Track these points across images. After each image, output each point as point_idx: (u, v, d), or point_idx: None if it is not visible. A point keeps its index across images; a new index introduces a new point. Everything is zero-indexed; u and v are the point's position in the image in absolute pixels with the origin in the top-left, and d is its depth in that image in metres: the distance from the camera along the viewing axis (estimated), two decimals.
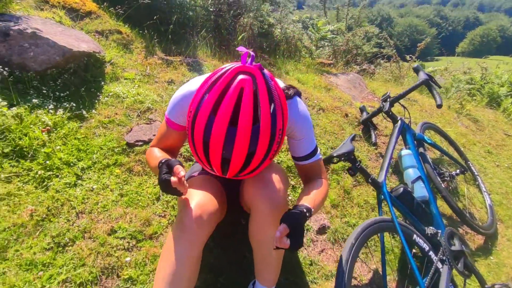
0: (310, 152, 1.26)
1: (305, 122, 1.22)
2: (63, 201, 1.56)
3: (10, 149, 1.65)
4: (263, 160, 0.99)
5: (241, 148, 0.91)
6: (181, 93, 1.19)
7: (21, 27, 1.93)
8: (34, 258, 1.33)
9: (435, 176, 2.17)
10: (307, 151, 1.26)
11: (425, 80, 2.26)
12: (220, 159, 0.94)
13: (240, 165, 0.96)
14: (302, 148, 1.26)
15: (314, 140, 1.28)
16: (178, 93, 1.20)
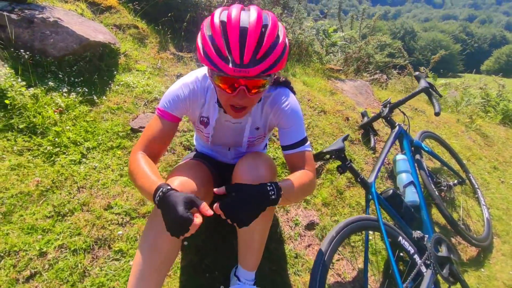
0: (298, 141, 1.27)
1: (294, 113, 1.27)
2: (67, 175, 1.68)
3: (24, 125, 1.79)
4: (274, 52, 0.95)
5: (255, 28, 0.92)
6: (179, 84, 1.24)
7: (45, 15, 2.09)
8: (36, 224, 1.45)
9: (429, 183, 2.18)
10: (295, 139, 1.27)
11: (425, 88, 2.29)
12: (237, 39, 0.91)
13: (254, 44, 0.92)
14: (290, 137, 1.27)
15: (303, 131, 1.30)
16: (175, 85, 1.25)
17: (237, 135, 1.41)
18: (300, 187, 1.18)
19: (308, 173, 1.24)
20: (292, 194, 1.14)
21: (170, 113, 1.22)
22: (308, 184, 1.22)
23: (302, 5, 4.25)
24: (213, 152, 1.61)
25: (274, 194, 1.03)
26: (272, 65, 0.96)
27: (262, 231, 1.32)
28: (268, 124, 1.36)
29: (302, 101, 2.74)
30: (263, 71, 0.95)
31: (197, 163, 1.42)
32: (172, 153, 2.04)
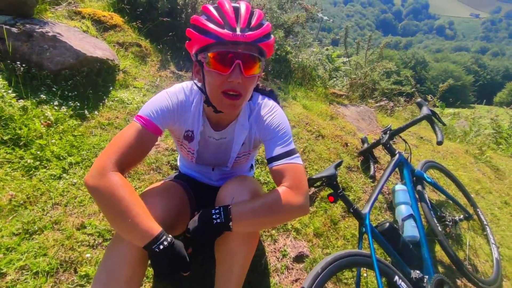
0: (283, 152, 1.14)
1: (278, 122, 1.18)
2: (44, 190, 1.61)
3: (9, 137, 1.75)
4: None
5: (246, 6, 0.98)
6: (164, 94, 1.16)
7: (44, 30, 2.12)
8: (0, 241, 1.36)
9: (432, 217, 2.03)
10: (280, 150, 1.14)
11: (427, 115, 2.19)
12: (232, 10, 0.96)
13: (248, 14, 0.97)
14: (275, 147, 1.15)
15: (290, 143, 1.18)
16: (160, 94, 1.16)
17: (221, 152, 1.34)
18: (264, 210, 1.05)
19: (283, 191, 1.07)
20: (251, 218, 1.05)
21: (154, 123, 1.08)
22: (282, 204, 1.04)
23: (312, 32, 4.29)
24: (197, 173, 1.53)
25: (220, 218, 1.00)
26: (266, 36, 0.99)
27: (243, 262, 1.19)
28: (253, 138, 1.27)
29: (299, 125, 2.66)
30: (260, 37, 0.96)
31: (172, 186, 1.34)
32: (158, 172, 1.96)
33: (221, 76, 0.98)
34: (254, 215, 1.05)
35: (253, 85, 1.05)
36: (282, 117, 1.21)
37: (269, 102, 1.23)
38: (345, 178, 2.33)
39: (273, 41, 1.04)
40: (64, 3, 2.86)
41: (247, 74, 0.98)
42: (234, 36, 0.92)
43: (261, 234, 1.82)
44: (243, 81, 0.98)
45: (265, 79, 3.46)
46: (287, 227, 1.92)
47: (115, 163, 0.99)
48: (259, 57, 0.99)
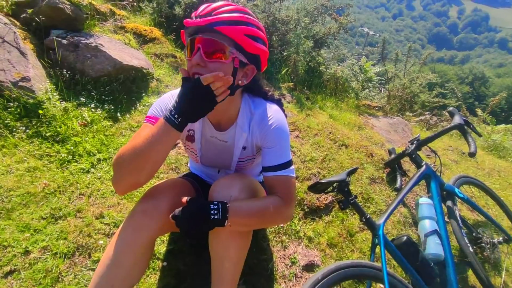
0: (279, 164, 1.16)
1: (279, 131, 1.18)
2: (72, 182, 1.78)
3: (50, 133, 1.98)
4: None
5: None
6: (168, 94, 1.24)
7: (88, 41, 2.38)
8: (30, 223, 1.52)
9: (462, 236, 1.84)
10: (277, 162, 1.17)
11: (459, 125, 2.02)
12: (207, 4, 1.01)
13: (218, 5, 1.00)
14: (271, 157, 1.17)
15: (287, 154, 1.19)
16: (165, 95, 1.25)
17: (224, 155, 1.37)
18: (258, 213, 1.10)
19: (275, 200, 1.13)
20: (246, 218, 1.07)
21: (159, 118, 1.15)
22: (272, 212, 1.10)
23: (358, 46, 4.23)
24: (204, 175, 1.58)
25: (218, 215, 1.00)
26: (226, 21, 0.98)
27: (235, 259, 1.19)
28: (254, 143, 1.28)
29: (322, 133, 2.62)
30: (216, 21, 0.97)
31: (181, 182, 1.39)
32: (176, 172, 2.05)
33: (189, 61, 1.03)
34: (249, 217, 1.08)
35: (218, 67, 1.02)
36: (282, 126, 1.20)
37: (272, 108, 1.23)
38: (366, 189, 2.22)
39: (245, 30, 1.01)
40: (111, 19, 3.19)
41: (207, 58, 0.99)
42: (192, 21, 0.99)
43: (271, 239, 1.80)
44: (206, 65, 1.00)
45: (294, 89, 3.48)
46: (300, 235, 1.87)
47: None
48: (222, 43, 0.99)
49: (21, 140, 1.88)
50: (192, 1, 3.34)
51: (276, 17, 3.39)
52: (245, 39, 1.02)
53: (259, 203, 1.12)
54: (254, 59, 1.08)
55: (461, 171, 2.97)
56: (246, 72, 1.11)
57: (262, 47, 1.07)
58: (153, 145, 0.99)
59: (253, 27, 1.04)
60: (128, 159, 1.02)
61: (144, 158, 1.01)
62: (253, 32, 1.03)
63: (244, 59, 1.05)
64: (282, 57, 3.62)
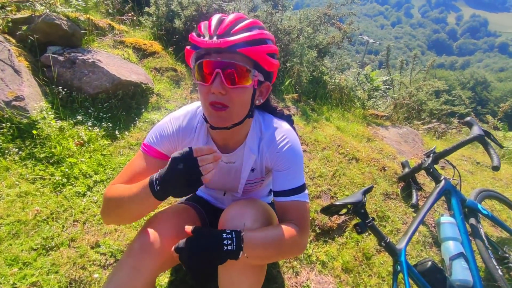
0: (292, 188, 1.07)
1: (291, 153, 1.09)
2: (66, 207, 1.66)
3: (44, 155, 1.87)
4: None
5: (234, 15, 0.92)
6: (168, 118, 1.16)
7: (85, 57, 2.30)
8: (19, 255, 1.40)
9: (489, 257, 1.69)
10: (289, 186, 1.07)
11: (479, 136, 1.89)
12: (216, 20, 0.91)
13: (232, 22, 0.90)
14: (284, 181, 1.08)
15: (301, 177, 1.10)
16: (164, 119, 1.17)
17: (231, 177, 1.26)
18: (275, 243, 0.98)
19: (291, 229, 1.02)
20: (261, 249, 0.95)
21: (155, 148, 1.09)
22: (289, 242, 0.99)
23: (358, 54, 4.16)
24: (210, 197, 1.47)
25: (232, 245, 0.88)
26: (251, 42, 0.88)
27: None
28: (264, 165, 1.17)
29: (330, 147, 2.49)
30: (238, 43, 0.86)
31: (184, 208, 1.29)
32: None
33: (205, 87, 0.91)
34: (265, 247, 0.97)
35: (243, 98, 0.95)
36: (295, 147, 1.10)
37: (283, 127, 1.13)
38: (381, 206, 2.08)
39: (267, 50, 0.92)
40: (110, 34, 3.13)
41: (231, 86, 0.89)
42: (210, 42, 0.86)
43: (281, 265, 1.66)
44: (228, 93, 0.90)
45: (298, 101, 3.37)
46: (312, 259, 1.73)
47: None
48: (245, 67, 0.89)
49: (14, 162, 1.78)
50: (192, 14, 3.28)
51: (278, 27, 3.32)
52: (266, 59, 0.93)
53: (275, 232, 1.00)
54: (269, 75, 1.00)
55: (477, 183, 2.82)
56: (262, 91, 1.03)
57: (277, 62, 0.98)
58: (134, 203, 0.94)
59: (271, 43, 0.95)
60: (112, 206, 0.99)
61: (125, 211, 0.98)
62: (272, 49, 0.94)
63: (262, 78, 0.97)
64: (285, 68, 3.53)
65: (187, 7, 3.32)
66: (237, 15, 0.92)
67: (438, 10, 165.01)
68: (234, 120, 0.98)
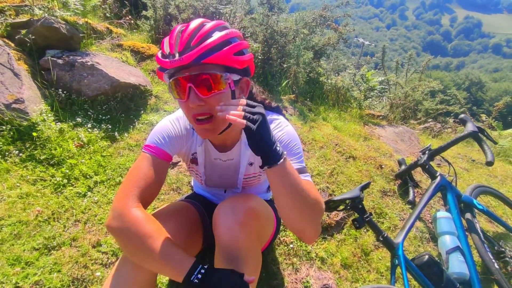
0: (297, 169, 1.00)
1: (287, 137, 1.09)
2: (68, 207, 1.67)
3: (45, 156, 1.88)
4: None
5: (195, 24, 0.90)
6: (168, 120, 1.15)
7: (84, 60, 2.32)
8: (21, 255, 1.41)
9: (485, 251, 1.72)
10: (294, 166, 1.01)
11: (473, 132, 1.93)
12: (177, 35, 0.90)
13: (190, 34, 0.88)
14: None
15: (301, 160, 1.07)
16: (163, 121, 1.16)
17: (230, 174, 1.28)
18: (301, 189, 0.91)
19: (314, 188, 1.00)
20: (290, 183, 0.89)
21: (163, 150, 1.07)
22: (313, 198, 0.94)
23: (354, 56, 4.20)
24: (210, 194, 1.49)
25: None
26: (210, 50, 0.86)
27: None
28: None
29: (328, 145, 2.52)
30: (200, 54, 0.85)
31: (184, 206, 1.31)
32: (178, 193, 1.95)
33: (183, 103, 0.93)
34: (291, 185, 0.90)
35: (220, 98, 0.93)
36: (291, 132, 1.11)
37: (277, 118, 1.15)
38: (379, 203, 2.11)
39: (233, 50, 0.90)
40: (108, 37, 3.15)
41: (205, 95, 0.90)
42: (172, 62, 0.86)
43: (281, 261, 1.68)
44: (206, 102, 0.91)
45: (295, 101, 3.41)
46: (311, 256, 1.75)
47: (135, 198, 0.96)
48: (216, 73, 0.89)
49: (14, 164, 1.79)
50: (189, 17, 3.32)
51: (274, 29, 3.36)
52: (234, 59, 0.91)
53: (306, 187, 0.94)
54: (245, 71, 0.99)
55: (473, 180, 2.86)
56: (242, 87, 1.02)
57: (249, 56, 0.96)
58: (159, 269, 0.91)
59: (236, 40, 0.93)
60: (136, 250, 0.91)
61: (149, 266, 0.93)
62: (239, 46, 0.92)
63: (237, 77, 0.96)
64: (282, 69, 3.56)
65: (184, 10, 3.35)
66: (195, 24, 0.91)
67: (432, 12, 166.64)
68: (221, 127, 1.00)
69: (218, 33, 0.89)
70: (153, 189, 1.03)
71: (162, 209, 1.25)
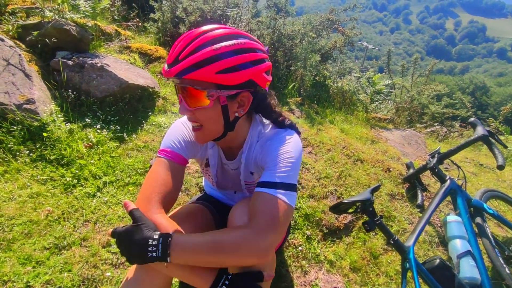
0: (276, 182, 0.94)
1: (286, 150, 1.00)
2: (77, 207, 1.68)
3: (55, 156, 1.90)
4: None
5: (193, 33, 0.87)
6: (180, 124, 1.13)
7: (94, 62, 2.34)
8: (32, 254, 1.41)
9: (496, 256, 1.70)
10: (273, 179, 0.95)
11: (483, 136, 1.91)
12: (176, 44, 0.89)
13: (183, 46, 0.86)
14: (266, 173, 0.98)
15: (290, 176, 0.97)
16: (176, 125, 1.14)
17: (237, 181, 1.28)
18: (212, 249, 0.86)
19: (243, 232, 0.89)
20: (192, 255, 0.86)
21: (179, 154, 1.05)
22: (234, 247, 0.86)
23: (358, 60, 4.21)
24: (221, 195, 1.49)
25: (156, 252, 0.83)
26: (190, 67, 0.83)
27: None
28: (259, 163, 1.13)
29: (335, 148, 2.51)
30: (182, 70, 0.83)
31: (198, 209, 1.32)
32: (186, 194, 1.95)
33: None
34: (197, 253, 0.86)
35: (208, 116, 0.93)
36: (293, 145, 1.03)
37: (283, 133, 1.07)
38: (387, 207, 2.10)
39: (216, 68, 0.84)
40: (116, 39, 3.18)
41: (190, 107, 0.92)
42: (165, 72, 0.88)
43: (289, 264, 1.68)
44: (193, 113, 0.93)
45: (302, 104, 3.41)
46: (320, 258, 1.74)
47: (157, 204, 0.96)
48: (198, 89, 0.87)
49: (25, 164, 1.80)
50: (197, 20, 3.34)
51: (281, 32, 3.37)
52: (219, 77, 0.85)
53: (217, 236, 0.89)
54: (246, 85, 0.91)
55: (481, 184, 2.84)
56: (241, 101, 0.96)
57: (251, 70, 0.89)
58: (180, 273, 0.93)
59: (225, 57, 0.85)
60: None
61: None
62: (227, 64, 0.85)
63: (231, 92, 0.90)
64: (288, 72, 3.57)
65: (191, 13, 3.38)
66: (191, 34, 0.88)
67: (436, 16, 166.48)
68: (210, 137, 1.02)
69: (207, 49, 0.84)
70: (173, 194, 1.02)
71: (176, 212, 1.25)
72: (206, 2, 3.34)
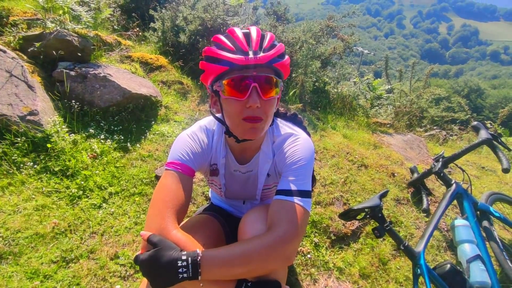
0: (290, 190, 0.99)
1: (299, 157, 1.05)
2: (84, 219, 1.66)
3: (59, 168, 1.88)
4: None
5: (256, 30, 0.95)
6: (186, 136, 1.13)
7: (97, 72, 2.34)
8: (39, 268, 1.40)
9: (505, 259, 1.69)
10: (290, 186, 0.99)
11: (487, 140, 1.92)
12: (243, 36, 0.93)
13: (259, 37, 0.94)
14: (287, 182, 1.01)
15: (306, 182, 1.02)
16: (182, 137, 1.13)
17: (249, 186, 1.28)
18: (242, 261, 0.87)
19: (266, 238, 0.91)
20: (224, 269, 0.87)
21: (188, 165, 1.05)
22: (263, 255, 0.88)
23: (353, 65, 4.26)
24: (229, 206, 1.48)
25: (187, 273, 0.83)
26: (280, 56, 0.95)
27: None
28: (277, 168, 1.17)
29: (339, 154, 2.52)
30: (274, 58, 0.92)
31: (209, 220, 1.30)
32: (192, 203, 1.94)
33: (239, 102, 0.92)
34: (229, 267, 0.88)
35: (272, 108, 0.98)
36: (304, 151, 1.08)
37: (294, 131, 1.13)
38: (393, 212, 2.10)
39: (288, 61, 1.00)
40: (117, 49, 3.19)
41: (265, 97, 0.92)
42: (247, 59, 0.89)
43: (299, 272, 1.66)
44: (262, 105, 0.92)
45: (303, 110, 3.42)
46: (329, 266, 1.73)
47: (171, 219, 0.95)
48: (276, 79, 0.94)
49: (29, 176, 1.79)
50: (197, 29, 3.36)
51: (281, 39, 3.40)
52: (287, 69, 1.00)
53: (244, 247, 0.90)
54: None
55: (484, 187, 2.85)
56: (278, 98, 1.06)
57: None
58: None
59: (286, 53, 1.00)
60: None
61: None
62: (289, 59, 1.01)
63: (282, 86, 1.01)
64: (289, 79, 3.59)
65: (191, 22, 3.39)
66: (257, 30, 0.96)
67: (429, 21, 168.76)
68: (264, 130, 1.01)
69: (279, 44, 0.97)
70: (184, 207, 1.02)
71: (187, 223, 1.24)
72: (206, 10, 3.36)
